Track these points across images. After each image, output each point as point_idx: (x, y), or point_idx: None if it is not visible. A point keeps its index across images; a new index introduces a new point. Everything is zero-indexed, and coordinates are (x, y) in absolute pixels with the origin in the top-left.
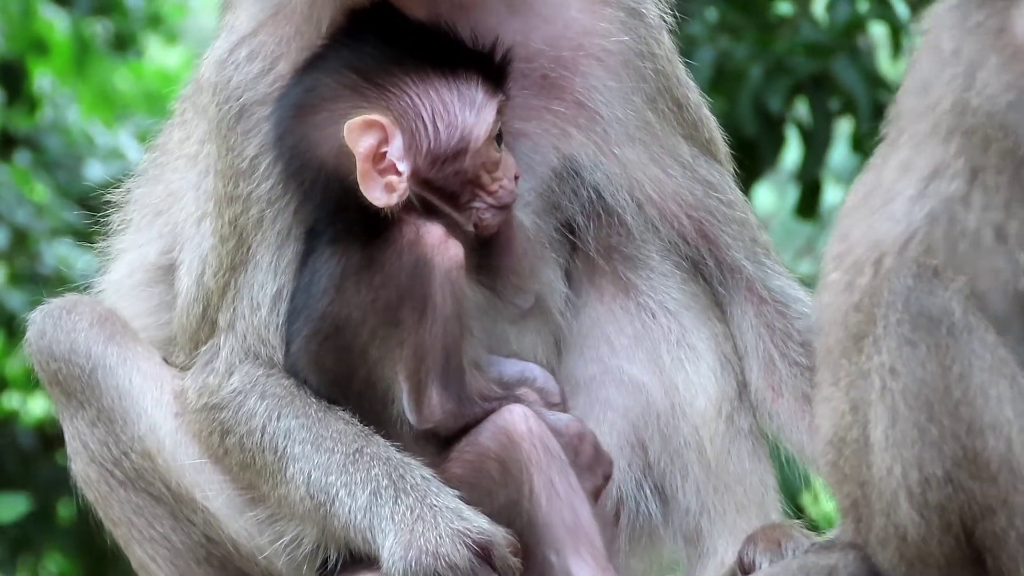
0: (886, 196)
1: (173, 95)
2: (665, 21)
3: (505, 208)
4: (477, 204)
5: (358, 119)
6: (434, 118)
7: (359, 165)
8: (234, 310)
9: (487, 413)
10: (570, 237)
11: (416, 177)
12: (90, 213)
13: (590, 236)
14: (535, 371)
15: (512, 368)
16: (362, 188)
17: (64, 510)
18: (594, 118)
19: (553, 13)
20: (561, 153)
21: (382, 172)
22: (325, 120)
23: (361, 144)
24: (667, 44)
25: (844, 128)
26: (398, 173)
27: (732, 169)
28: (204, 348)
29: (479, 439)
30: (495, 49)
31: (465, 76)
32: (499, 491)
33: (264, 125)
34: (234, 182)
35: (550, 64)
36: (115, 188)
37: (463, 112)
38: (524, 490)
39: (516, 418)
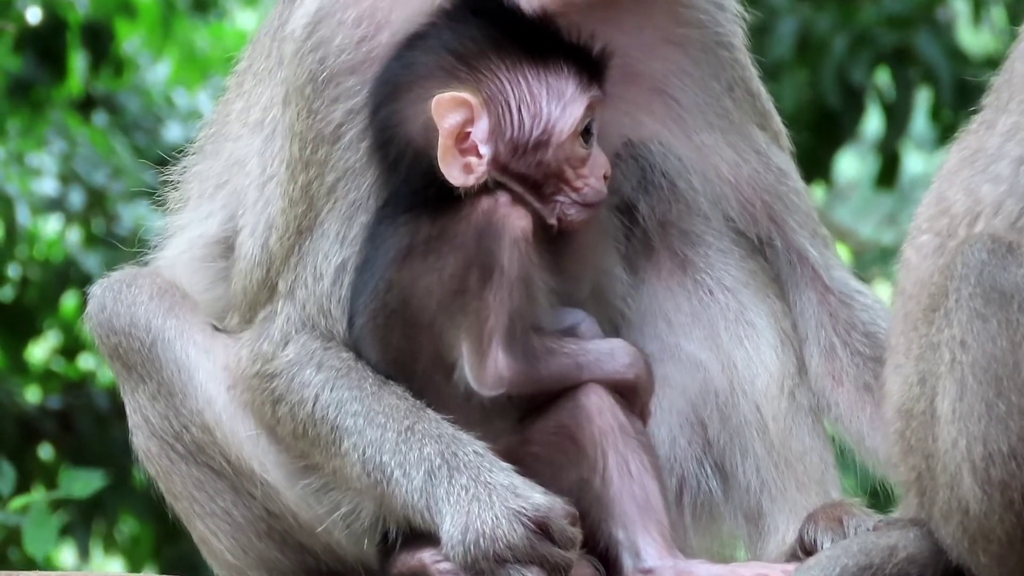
0: (992, 157)
1: None
2: (742, 15)
3: (591, 206)
4: (561, 199)
5: (447, 95)
6: (520, 107)
7: (441, 140)
8: (296, 276)
9: (554, 372)
10: (626, 218)
11: (496, 163)
12: (168, 175)
13: (648, 214)
14: (580, 316)
15: (565, 319)
16: (441, 164)
17: (139, 474)
18: (669, 104)
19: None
20: (628, 139)
21: (463, 152)
22: (417, 97)
23: (447, 120)
24: (742, 36)
25: (923, 98)
26: (479, 155)
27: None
28: (261, 314)
29: (554, 416)
30: (593, 45)
31: (557, 69)
32: (572, 468)
33: (354, 94)
34: (313, 146)
35: (632, 52)
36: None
37: (549, 104)
38: (597, 467)
39: (592, 397)
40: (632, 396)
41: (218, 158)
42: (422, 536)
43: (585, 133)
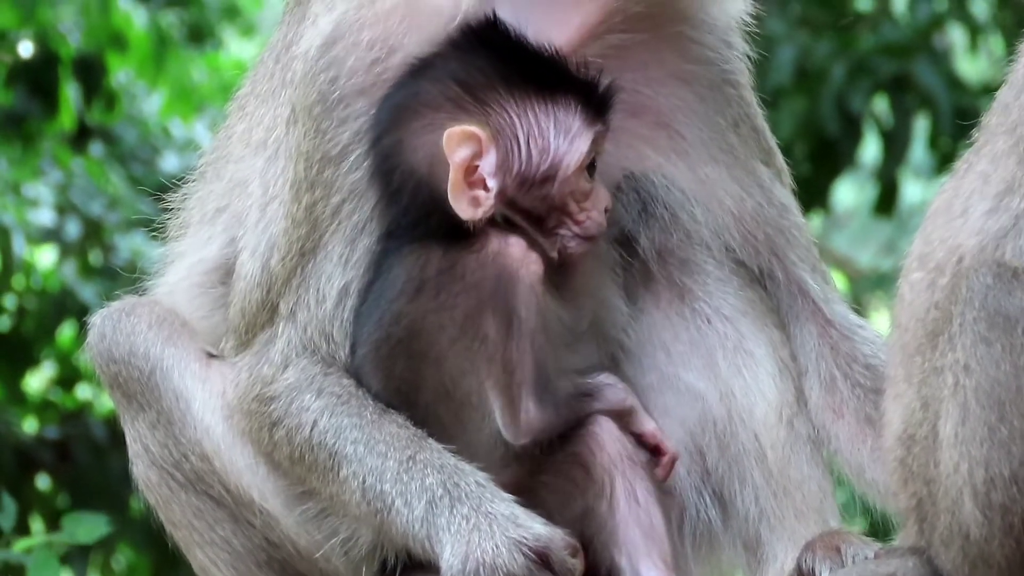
0: (964, 205)
1: None
2: (747, 54)
3: (591, 239)
4: (563, 232)
5: (459, 128)
6: (528, 141)
7: (452, 174)
8: (298, 298)
9: (578, 412)
10: (625, 250)
11: (503, 196)
12: (167, 204)
13: (648, 245)
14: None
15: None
16: (450, 197)
17: (137, 504)
18: (674, 138)
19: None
20: (629, 172)
21: (471, 185)
22: (424, 127)
23: (458, 153)
24: (747, 74)
25: (921, 126)
26: (486, 189)
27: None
28: (261, 336)
29: (567, 445)
30: (599, 79)
31: (565, 103)
32: (579, 496)
33: (363, 115)
34: (319, 167)
35: (639, 86)
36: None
37: (557, 138)
38: (605, 493)
39: (603, 425)
40: (632, 424)
41: (219, 181)
42: (421, 564)
43: (590, 167)
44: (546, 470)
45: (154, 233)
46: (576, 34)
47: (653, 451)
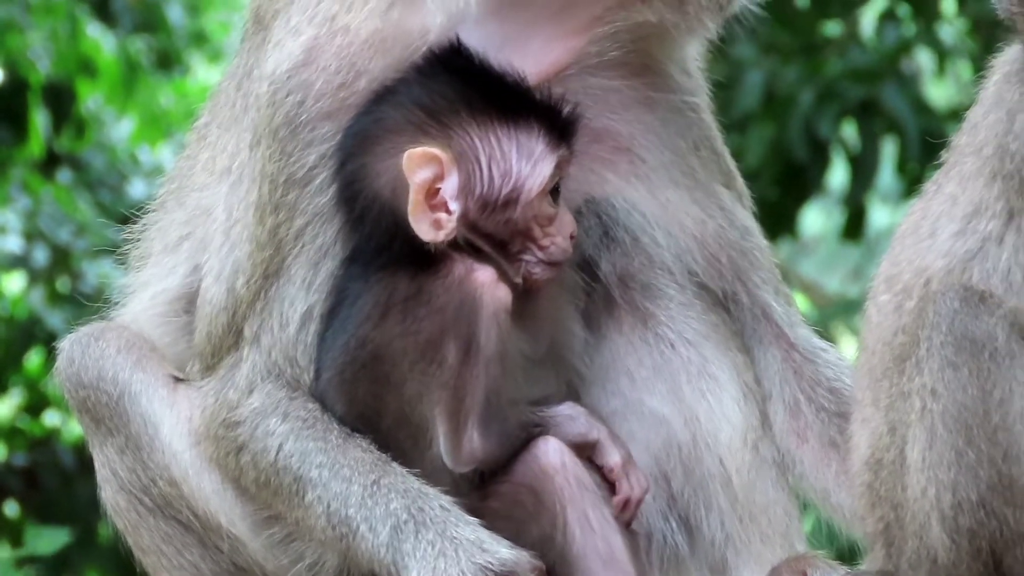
0: (932, 227)
1: None
2: (708, 79)
3: (556, 265)
4: (527, 257)
5: (419, 149)
6: (490, 164)
7: (412, 195)
8: (262, 322)
9: (527, 441)
10: (587, 275)
11: (465, 220)
12: (131, 233)
13: (610, 270)
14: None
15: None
16: (411, 220)
17: (104, 530)
18: (635, 162)
19: None
20: (590, 196)
21: (433, 207)
22: (386, 152)
23: (418, 175)
24: (708, 99)
25: (889, 151)
26: (448, 212)
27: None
28: (226, 360)
29: (514, 472)
30: (562, 103)
31: (527, 127)
32: (533, 524)
33: (328, 139)
34: (284, 189)
35: (601, 111)
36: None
37: (519, 162)
38: (558, 523)
39: (550, 451)
40: (595, 456)
41: (182, 209)
42: None
43: (553, 192)
44: (498, 497)
45: (121, 260)
46: (546, 72)
47: (612, 489)
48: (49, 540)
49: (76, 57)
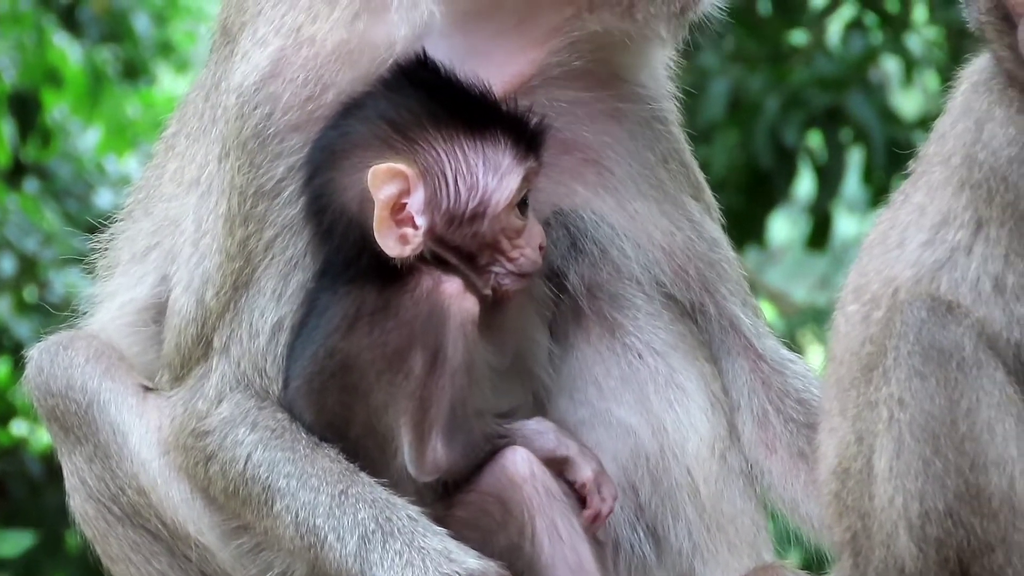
0: (900, 237)
1: None
2: (677, 90)
3: (526, 276)
4: (496, 269)
5: (384, 165)
6: (456, 178)
7: (377, 211)
8: (231, 332)
9: (493, 452)
10: (554, 285)
11: (432, 234)
12: (98, 242)
13: (578, 281)
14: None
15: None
16: (376, 235)
17: (72, 539)
18: (603, 174)
19: None
20: (558, 207)
21: (399, 223)
22: (353, 166)
23: (383, 191)
24: (676, 111)
25: (855, 160)
26: (415, 226)
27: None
28: (196, 371)
29: (481, 482)
30: (529, 116)
31: (494, 140)
32: (501, 533)
33: (296, 151)
34: (253, 201)
35: (569, 123)
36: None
37: (486, 176)
38: (526, 532)
39: (517, 461)
40: (567, 472)
41: (149, 219)
42: None
43: (521, 204)
44: (465, 507)
45: (88, 270)
46: (511, 84)
47: (582, 502)
48: (14, 543)
49: (42, 67)
